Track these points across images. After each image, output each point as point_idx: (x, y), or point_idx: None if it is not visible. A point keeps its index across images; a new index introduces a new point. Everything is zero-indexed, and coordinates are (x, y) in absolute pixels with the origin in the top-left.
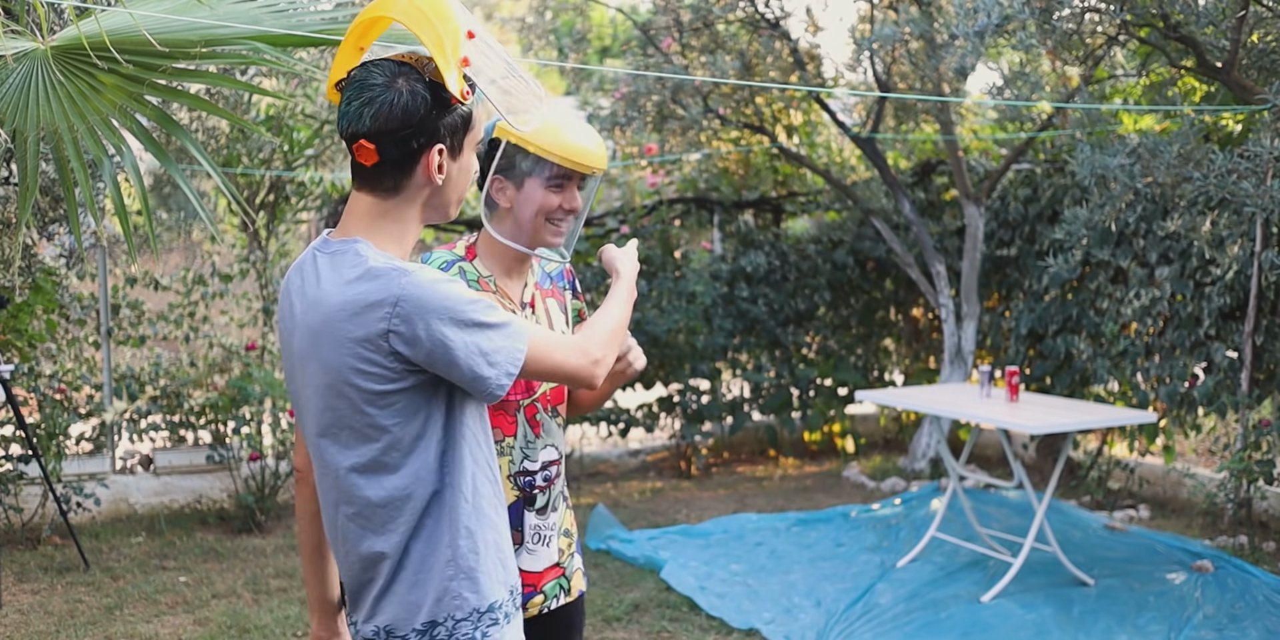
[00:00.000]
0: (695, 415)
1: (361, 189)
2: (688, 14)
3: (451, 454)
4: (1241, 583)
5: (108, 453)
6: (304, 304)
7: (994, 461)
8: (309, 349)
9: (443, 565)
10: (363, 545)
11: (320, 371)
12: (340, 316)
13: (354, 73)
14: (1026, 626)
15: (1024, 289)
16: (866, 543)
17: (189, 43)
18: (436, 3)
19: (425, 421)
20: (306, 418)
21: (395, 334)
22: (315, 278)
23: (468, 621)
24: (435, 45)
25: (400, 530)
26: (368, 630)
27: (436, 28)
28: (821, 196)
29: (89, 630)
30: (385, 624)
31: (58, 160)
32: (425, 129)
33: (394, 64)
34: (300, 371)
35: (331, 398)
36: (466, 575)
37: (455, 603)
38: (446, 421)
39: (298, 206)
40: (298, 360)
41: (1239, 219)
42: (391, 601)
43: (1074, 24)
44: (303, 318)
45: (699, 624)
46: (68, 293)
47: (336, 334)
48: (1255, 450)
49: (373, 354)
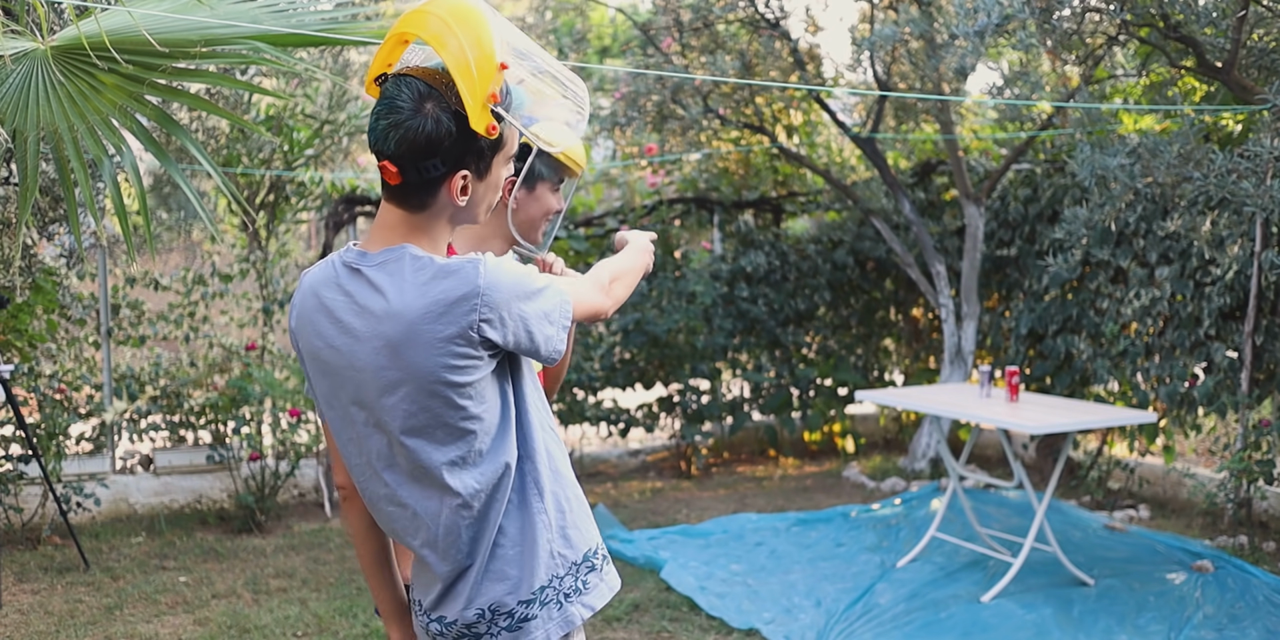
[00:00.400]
0: (695, 415)
1: (390, 201)
2: (688, 14)
3: (523, 423)
4: (1241, 583)
5: (108, 453)
6: (368, 319)
7: (994, 461)
8: (388, 360)
9: (541, 531)
10: (466, 533)
11: (407, 378)
12: (427, 320)
13: (387, 86)
14: (1026, 626)
15: (1024, 289)
16: (866, 543)
17: (189, 42)
18: (471, 23)
19: (502, 399)
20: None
21: (485, 322)
22: (372, 291)
23: (570, 576)
24: (462, 74)
25: (497, 508)
26: (469, 616)
27: (467, 54)
28: (821, 196)
29: (89, 630)
30: (490, 603)
31: (58, 160)
32: (450, 157)
33: (424, 85)
34: (371, 385)
35: (424, 399)
36: (561, 534)
37: (556, 563)
38: (516, 394)
39: (298, 206)
40: (369, 373)
41: (1239, 219)
42: (493, 580)
43: (1074, 24)
44: (373, 331)
45: (699, 624)
46: (68, 293)
47: (425, 337)
48: (1255, 450)
49: (465, 347)
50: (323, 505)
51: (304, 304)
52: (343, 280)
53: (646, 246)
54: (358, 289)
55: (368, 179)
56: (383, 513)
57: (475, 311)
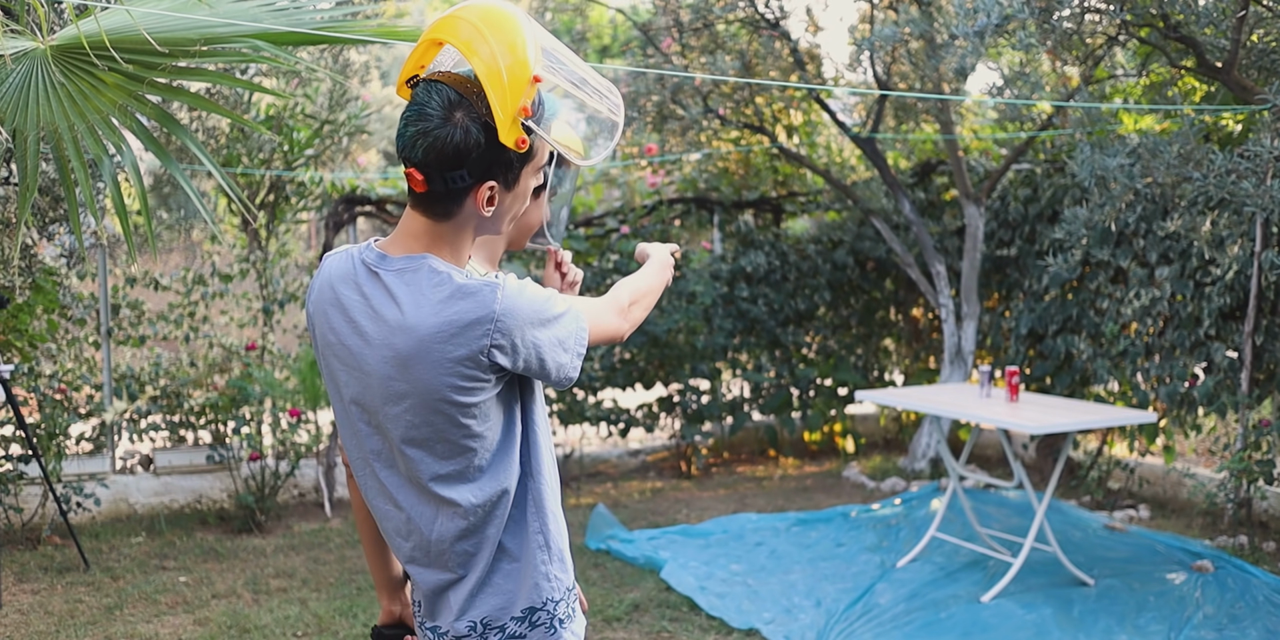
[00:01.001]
0: (695, 415)
1: (416, 208)
2: (688, 14)
3: (530, 442)
4: (1241, 583)
5: (108, 453)
6: (381, 327)
7: (994, 461)
8: (396, 371)
9: (537, 551)
10: (459, 544)
11: (413, 391)
12: (438, 339)
13: (417, 91)
14: (1026, 626)
15: (1024, 289)
16: (866, 543)
17: (189, 41)
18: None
19: (508, 418)
20: (391, 430)
21: (496, 348)
22: (387, 298)
23: (563, 601)
24: (493, 84)
25: (495, 524)
26: (461, 627)
27: (499, 62)
28: (821, 196)
29: (89, 630)
30: (483, 617)
31: (58, 160)
32: (477, 168)
33: (454, 93)
34: (378, 391)
35: (428, 414)
36: (558, 556)
37: (552, 585)
38: (523, 414)
39: (298, 206)
40: (376, 379)
41: (1239, 219)
42: (488, 594)
43: (1074, 24)
44: (384, 340)
45: (699, 624)
46: (68, 293)
47: (434, 356)
48: (1255, 450)
49: (473, 370)
50: (323, 505)
51: (320, 294)
52: (361, 280)
53: (668, 261)
54: (374, 293)
55: (367, 179)
56: (378, 510)
57: (488, 337)
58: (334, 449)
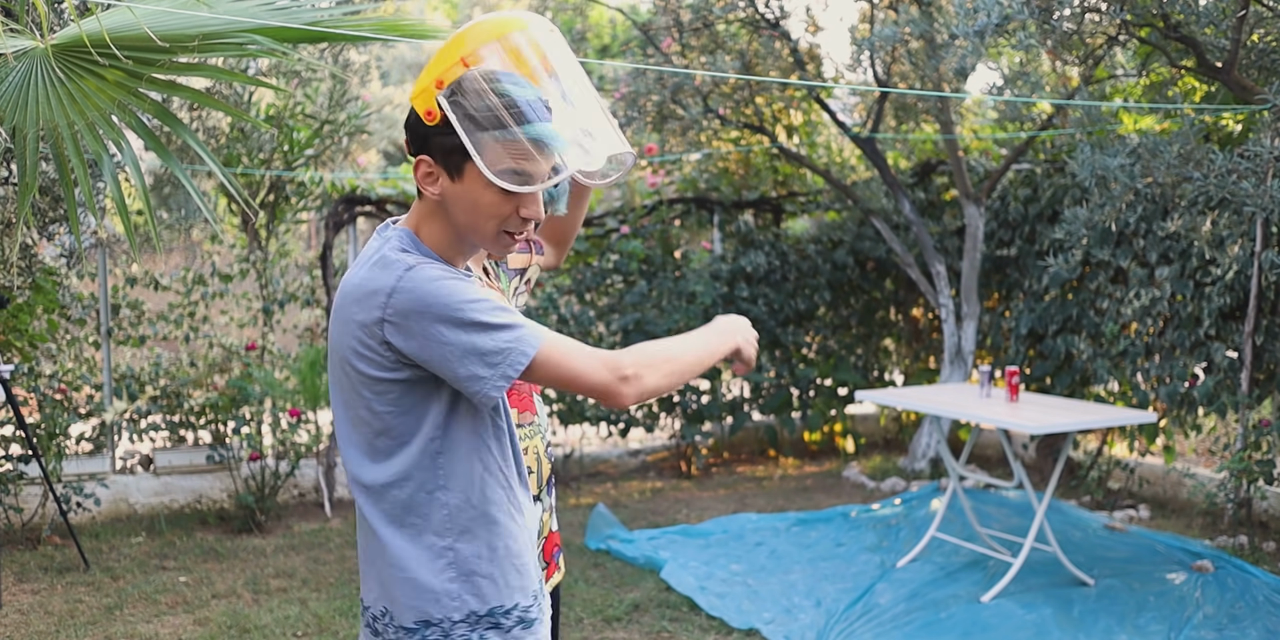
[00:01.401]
0: (695, 415)
1: None
2: (688, 14)
3: (449, 457)
4: (1241, 583)
5: (108, 453)
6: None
7: (994, 461)
8: (330, 322)
9: (438, 566)
10: (362, 521)
11: (333, 346)
12: (351, 297)
13: None
14: (1026, 626)
15: (1024, 289)
16: (866, 543)
17: (187, 37)
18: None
19: (420, 418)
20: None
21: (389, 324)
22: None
23: (464, 624)
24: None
25: (387, 519)
26: (377, 609)
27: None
28: (821, 196)
29: (89, 630)
30: (384, 608)
31: (57, 159)
32: (415, 137)
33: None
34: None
35: (339, 373)
36: (466, 578)
37: (453, 604)
38: (446, 424)
39: (298, 206)
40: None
41: (1239, 219)
42: (385, 587)
43: (1074, 24)
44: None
45: (699, 624)
46: (68, 293)
47: (344, 314)
48: (1255, 450)
49: (369, 339)
50: (323, 505)
51: None
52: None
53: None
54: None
55: (368, 179)
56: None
57: (380, 309)
58: (334, 449)
